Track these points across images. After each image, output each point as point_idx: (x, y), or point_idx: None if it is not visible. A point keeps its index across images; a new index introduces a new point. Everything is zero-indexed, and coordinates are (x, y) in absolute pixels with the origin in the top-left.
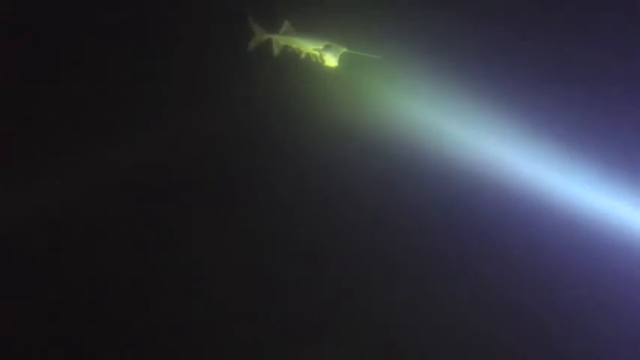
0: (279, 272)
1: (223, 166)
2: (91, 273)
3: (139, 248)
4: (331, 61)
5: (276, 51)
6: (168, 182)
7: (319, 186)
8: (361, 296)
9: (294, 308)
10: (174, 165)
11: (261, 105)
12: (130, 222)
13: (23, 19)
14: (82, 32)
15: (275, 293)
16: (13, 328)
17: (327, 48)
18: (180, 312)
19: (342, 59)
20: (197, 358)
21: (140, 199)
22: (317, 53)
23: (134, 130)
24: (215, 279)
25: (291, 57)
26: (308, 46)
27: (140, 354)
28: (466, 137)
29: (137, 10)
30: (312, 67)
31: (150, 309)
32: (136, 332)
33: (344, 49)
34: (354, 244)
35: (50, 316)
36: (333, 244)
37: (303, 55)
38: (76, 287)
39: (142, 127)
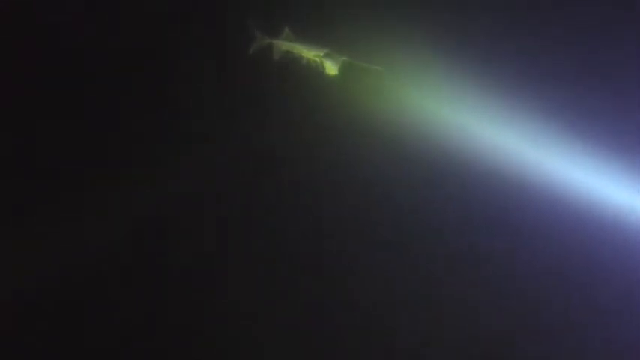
0: (280, 272)
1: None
2: (91, 273)
3: (138, 247)
4: (332, 69)
5: (276, 57)
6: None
7: (317, 189)
8: (363, 296)
9: (294, 308)
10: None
11: (261, 110)
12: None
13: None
14: (81, 33)
15: (276, 293)
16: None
17: (327, 56)
18: (181, 312)
19: (342, 67)
20: (197, 358)
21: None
22: (317, 60)
23: (134, 130)
24: (215, 278)
25: (291, 63)
26: (309, 53)
27: (140, 354)
28: (469, 138)
29: (133, 15)
30: (313, 74)
31: (150, 309)
32: (136, 332)
33: (344, 58)
34: (356, 245)
35: (50, 316)
36: (334, 244)
37: (303, 62)
38: (76, 287)
39: (141, 130)
